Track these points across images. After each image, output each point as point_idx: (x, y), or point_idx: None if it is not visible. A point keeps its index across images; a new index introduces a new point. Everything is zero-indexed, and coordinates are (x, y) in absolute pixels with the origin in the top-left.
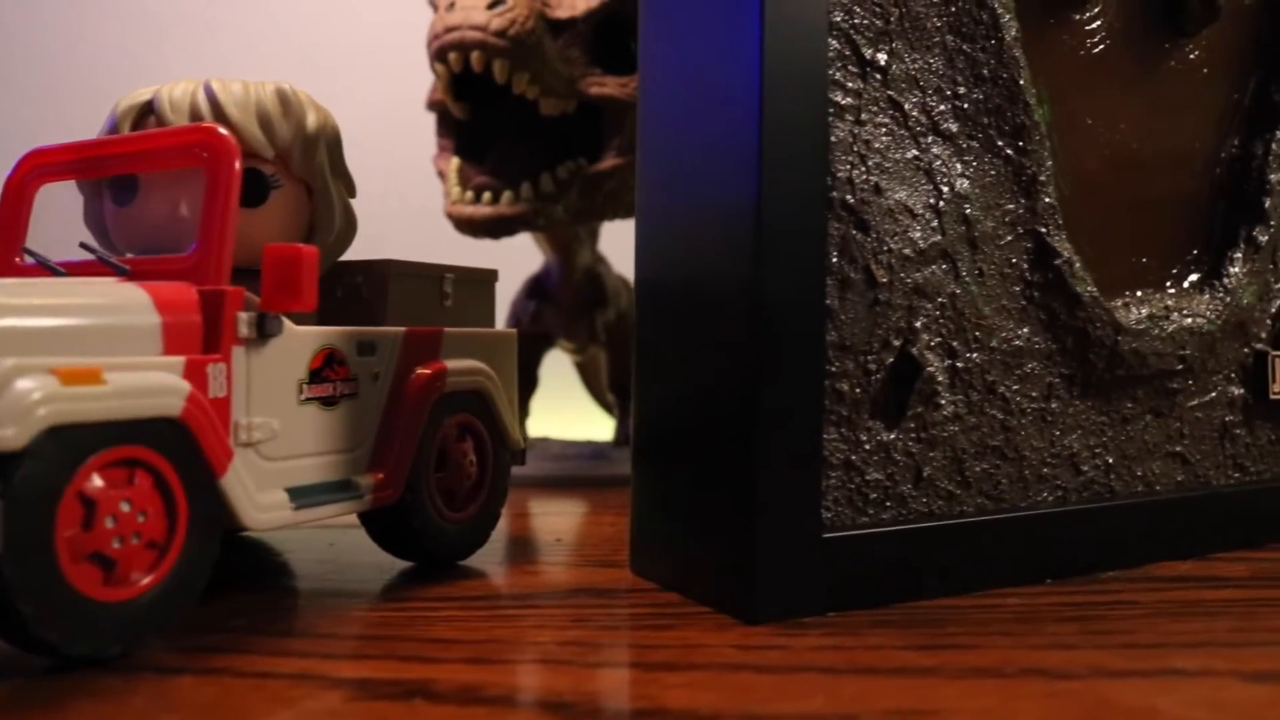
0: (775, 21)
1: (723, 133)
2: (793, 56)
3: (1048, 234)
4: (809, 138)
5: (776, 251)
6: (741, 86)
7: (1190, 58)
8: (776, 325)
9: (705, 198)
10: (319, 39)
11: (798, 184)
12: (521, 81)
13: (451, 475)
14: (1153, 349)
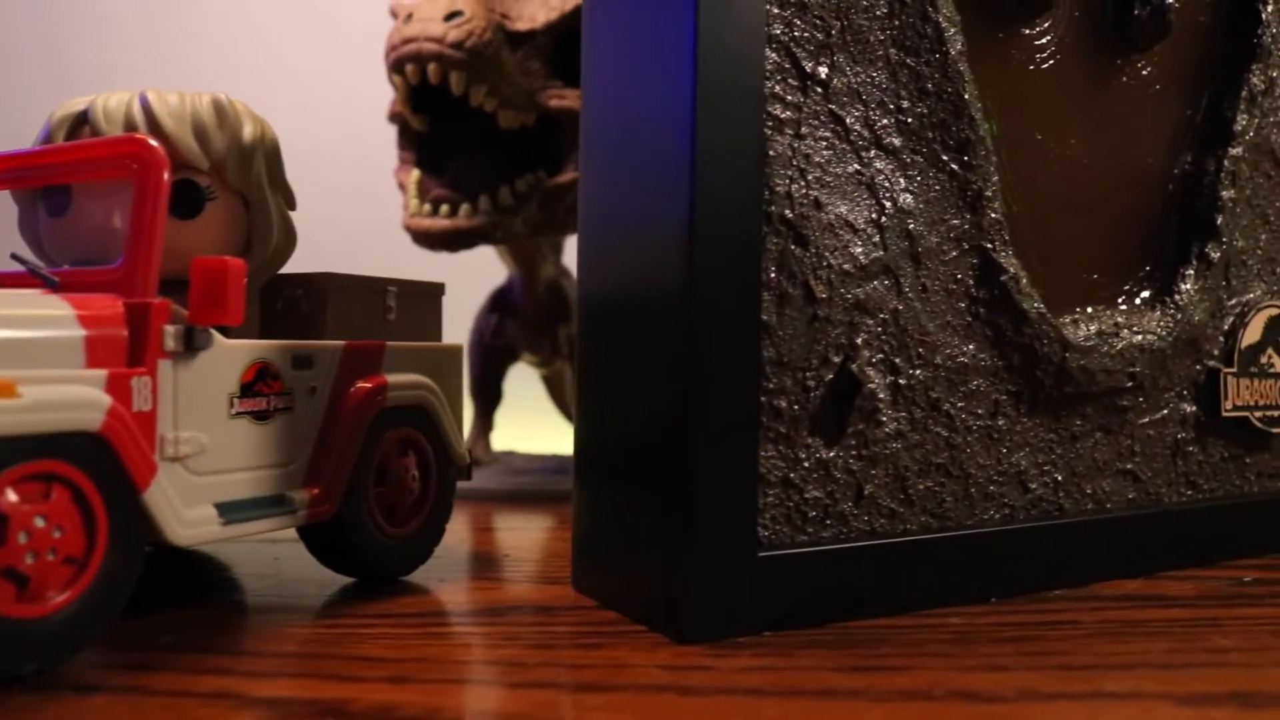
0: (710, 34)
1: (657, 147)
2: (728, 69)
3: (993, 249)
4: (745, 151)
5: (711, 267)
6: (675, 100)
7: (1143, 74)
8: (711, 342)
9: (642, 213)
10: (291, 47)
11: (733, 198)
12: (479, 94)
13: (392, 490)
14: (1102, 366)
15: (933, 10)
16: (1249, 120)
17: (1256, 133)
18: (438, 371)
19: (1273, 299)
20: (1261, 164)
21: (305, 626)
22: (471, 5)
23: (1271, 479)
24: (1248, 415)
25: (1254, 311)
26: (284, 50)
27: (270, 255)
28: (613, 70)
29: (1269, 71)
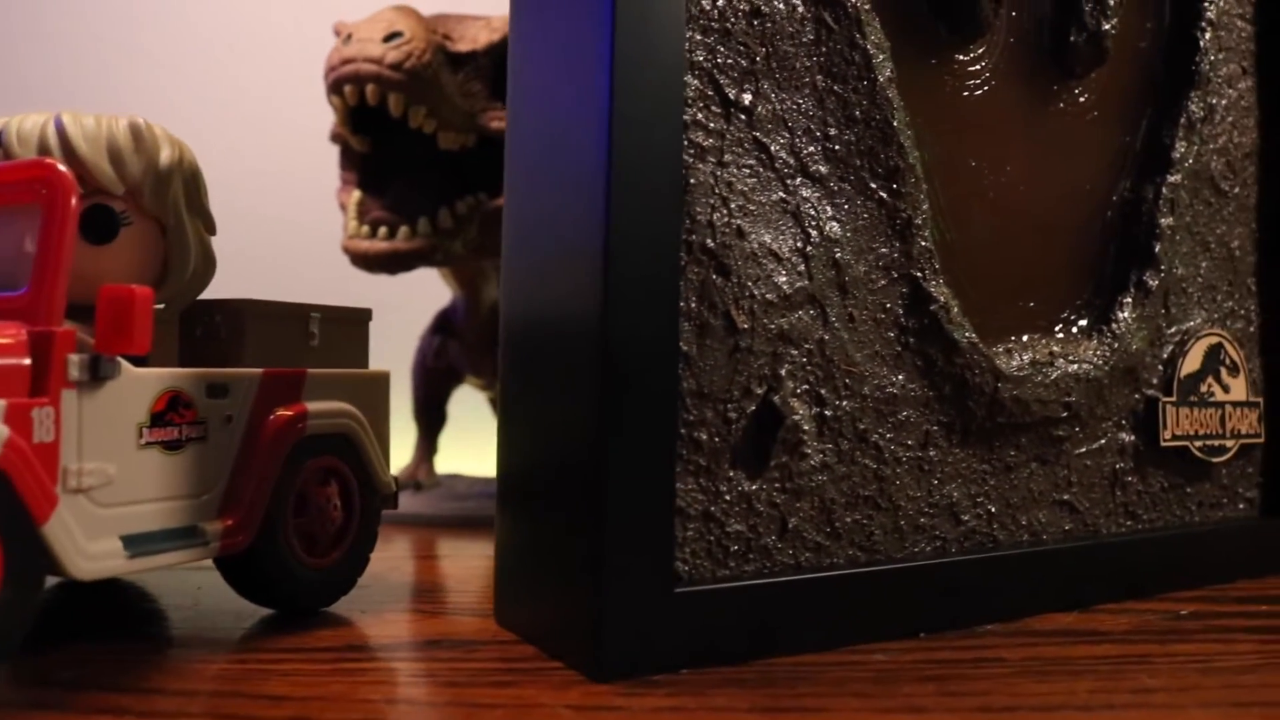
0: (626, 60)
1: (574, 173)
2: (645, 96)
3: (923, 279)
4: (664, 179)
5: (626, 296)
6: (591, 126)
7: (1080, 100)
8: (626, 372)
9: (559, 238)
10: (240, 66)
11: (651, 226)
12: (418, 115)
13: (313, 520)
14: (1036, 396)
15: (860, 37)
16: (1188, 147)
17: (1196, 160)
18: (363, 398)
19: (1213, 327)
20: (1201, 191)
21: (215, 662)
22: (412, 26)
23: (1213, 508)
24: (1188, 445)
25: (1194, 340)
26: (232, 68)
27: (187, 281)
28: (535, 93)
29: (1208, 99)
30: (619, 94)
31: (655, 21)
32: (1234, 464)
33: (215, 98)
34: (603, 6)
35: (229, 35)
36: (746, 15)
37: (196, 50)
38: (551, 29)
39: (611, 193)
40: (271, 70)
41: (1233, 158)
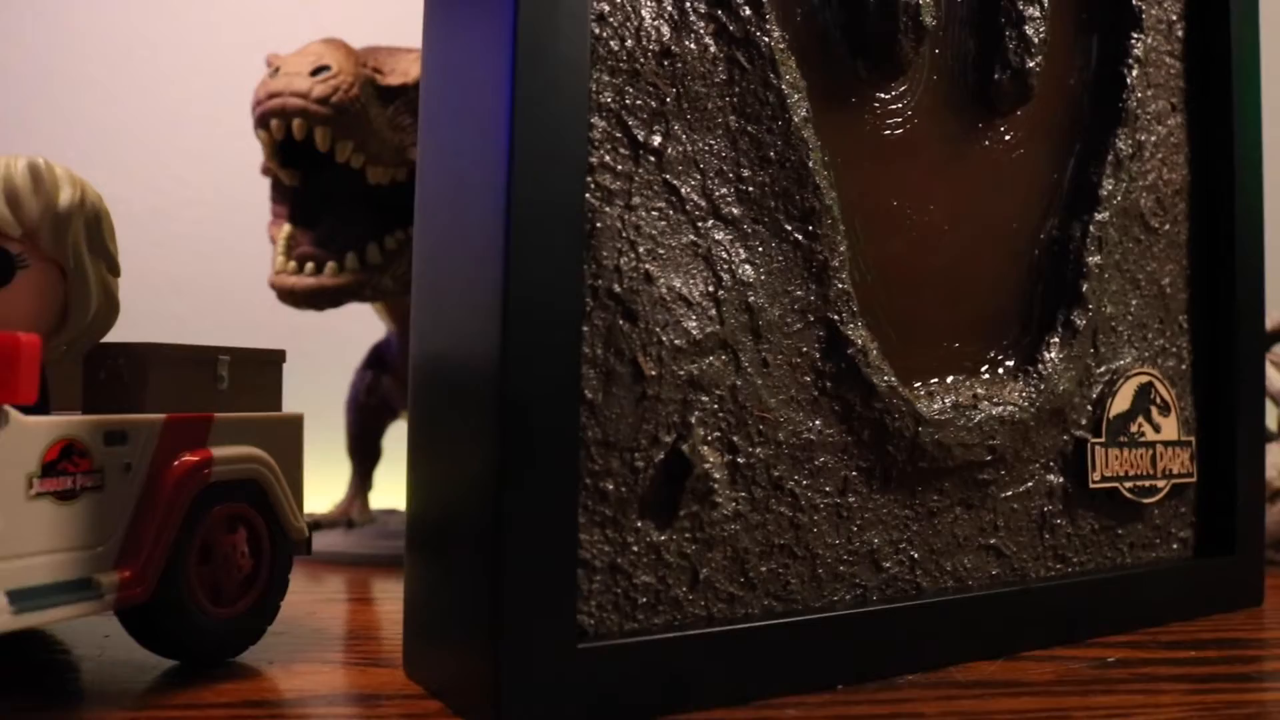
0: (526, 100)
1: (476, 214)
2: (546, 137)
3: (841, 322)
4: (567, 223)
5: (527, 342)
6: (492, 169)
7: (1006, 137)
8: (525, 420)
9: (462, 281)
10: (175, 95)
11: (553, 272)
12: (345, 150)
13: (218, 569)
14: (958, 440)
15: (775, 77)
16: (1116, 185)
17: (1125, 197)
18: (275, 442)
19: (1143, 365)
20: (1131, 228)
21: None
22: (340, 60)
23: (1145, 549)
24: (1117, 486)
25: (1123, 379)
26: (171, 97)
27: (89, 324)
28: (441, 130)
29: (1137, 136)
30: (519, 134)
31: (557, 61)
32: (1166, 504)
33: (156, 127)
34: (503, 44)
35: (171, 65)
36: (656, 56)
37: (137, 81)
38: (457, 64)
39: (510, 235)
40: (214, 100)
41: (1163, 194)
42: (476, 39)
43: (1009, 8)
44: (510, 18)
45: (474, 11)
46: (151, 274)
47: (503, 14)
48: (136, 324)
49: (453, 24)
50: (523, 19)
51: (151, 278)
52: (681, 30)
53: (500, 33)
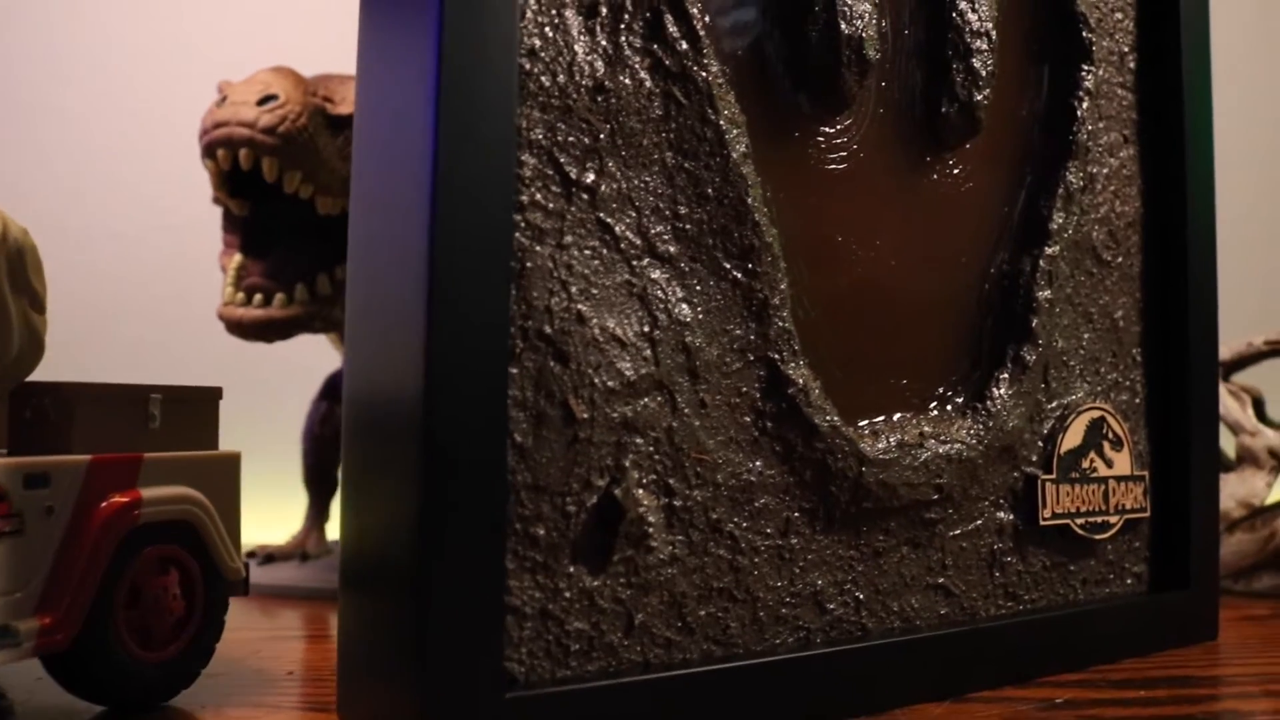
0: (451, 139)
1: (401, 254)
2: (473, 176)
3: (781, 361)
4: (493, 263)
5: (451, 385)
6: (414, 207)
7: (954, 171)
8: (451, 465)
9: (389, 321)
10: (134, 120)
11: (478, 313)
12: (294, 180)
13: (147, 613)
14: (903, 480)
15: (713, 112)
16: (1067, 218)
17: (1076, 230)
18: (210, 482)
19: (1095, 400)
20: (1083, 262)
21: None
22: (288, 89)
23: (1099, 585)
24: (1068, 523)
25: (1074, 415)
26: (134, 122)
27: (12, 363)
28: (371, 164)
29: (1088, 168)
30: (442, 172)
31: (483, 97)
32: (1119, 539)
33: (118, 151)
34: (427, 80)
35: (136, 87)
36: (590, 91)
37: (99, 103)
38: (385, 99)
39: (433, 276)
40: (179, 123)
41: (1115, 227)
42: (402, 74)
43: (956, 40)
44: (434, 54)
45: (401, 46)
46: (111, 299)
47: (427, 49)
48: (102, 349)
49: (381, 57)
50: (446, 55)
51: (111, 303)
52: (616, 65)
53: (424, 68)
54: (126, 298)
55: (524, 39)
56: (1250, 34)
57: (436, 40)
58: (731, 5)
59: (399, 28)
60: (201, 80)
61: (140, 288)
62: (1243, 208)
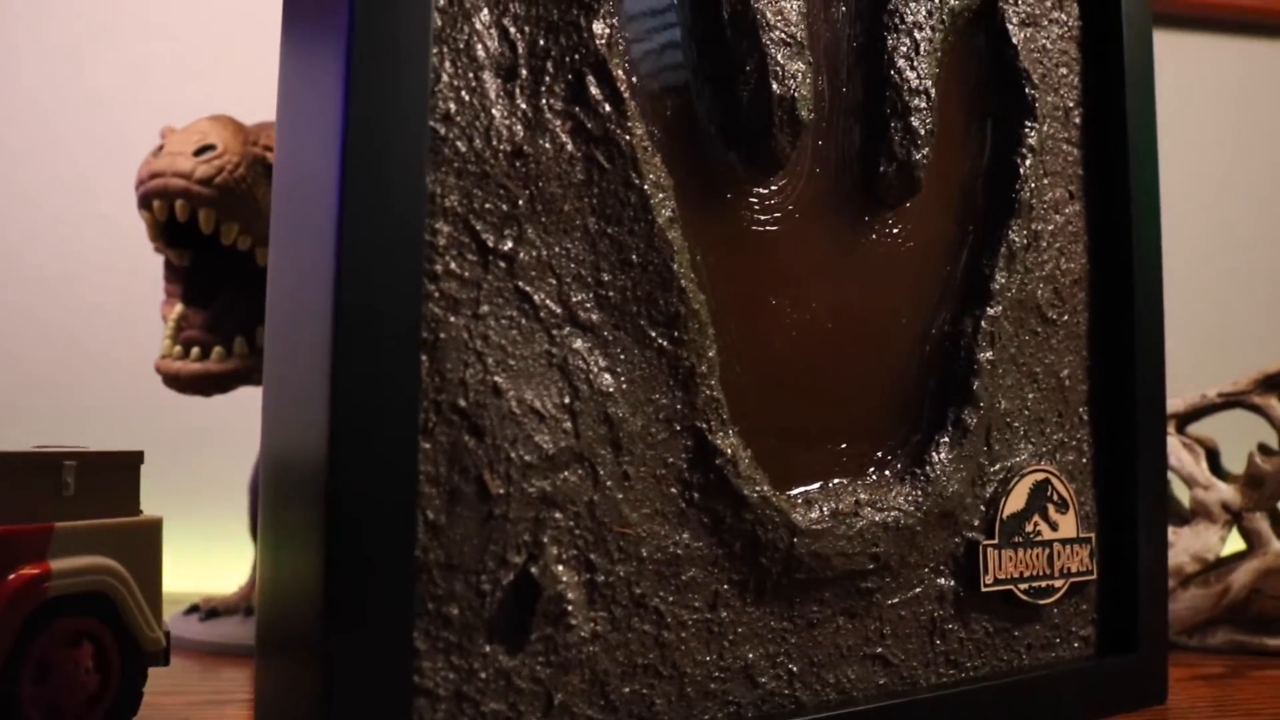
0: (358, 207)
1: (308, 323)
2: (381, 246)
3: (709, 430)
4: (402, 335)
5: (356, 461)
6: (320, 277)
7: (894, 230)
8: (357, 543)
9: (298, 393)
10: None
11: (385, 386)
12: (231, 232)
13: (57, 689)
14: (837, 549)
15: (637, 176)
16: (1010, 277)
17: (1020, 289)
18: (128, 550)
19: (1040, 462)
20: (1027, 320)
21: None
22: (226, 138)
23: (1045, 649)
24: (1012, 588)
25: (1018, 478)
26: (85, 162)
27: None
28: (285, 232)
29: (1032, 225)
30: (348, 242)
31: (392, 164)
32: (1065, 602)
33: (70, 191)
34: (333, 146)
35: (88, 127)
36: (508, 156)
37: (49, 143)
38: (296, 162)
39: (338, 348)
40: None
41: (1060, 285)
42: (311, 138)
43: (894, 98)
44: (340, 120)
45: (311, 110)
46: (61, 342)
47: (334, 115)
48: (50, 394)
49: (294, 120)
50: (353, 120)
51: (61, 346)
52: (535, 129)
53: (330, 134)
54: (73, 342)
55: (439, 103)
56: (1197, 85)
57: (343, 106)
58: (660, 64)
59: (310, 89)
60: (151, 118)
61: (89, 333)
62: (1197, 258)
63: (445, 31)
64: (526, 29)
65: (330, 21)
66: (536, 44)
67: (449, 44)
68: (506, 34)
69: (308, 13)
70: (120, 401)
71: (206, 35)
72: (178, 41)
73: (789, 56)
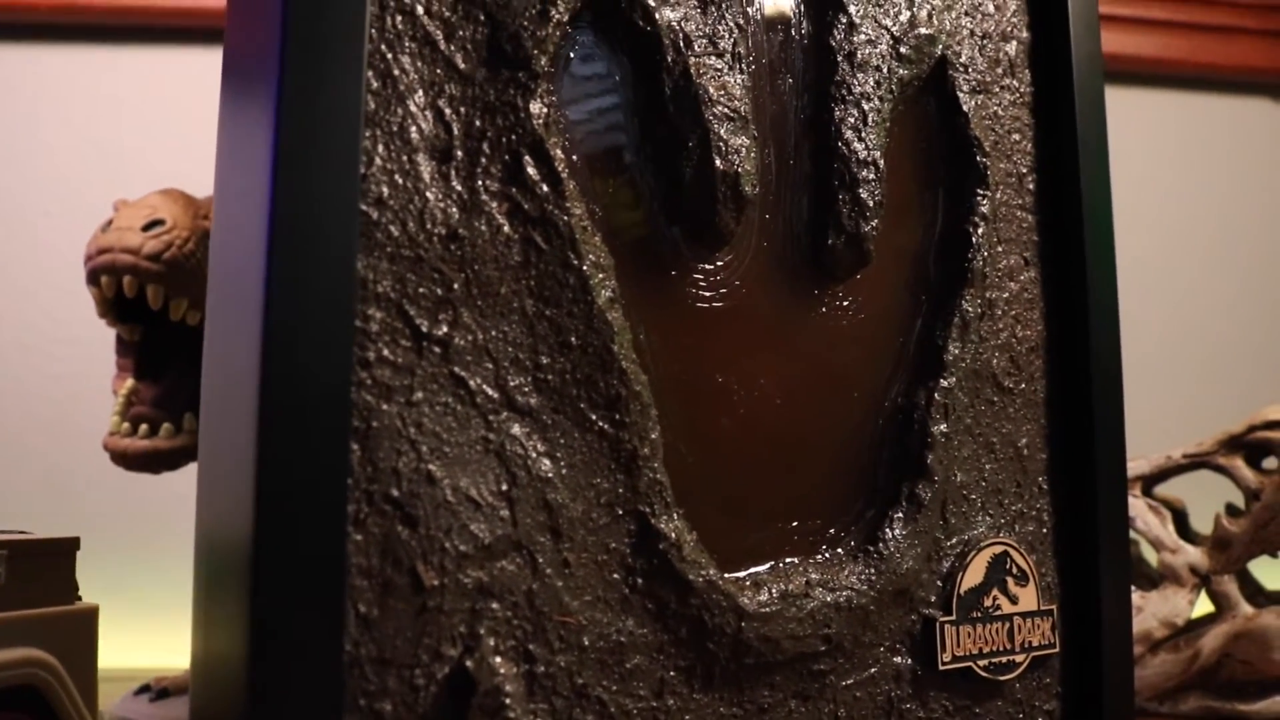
0: (285, 294)
1: (238, 407)
2: (309, 333)
3: (651, 514)
4: (331, 424)
5: (281, 554)
6: (248, 362)
7: (844, 303)
8: (283, 637)
9: (225, 479)
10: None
11: (313, 476)
12: (180, 308)
13: None
14: (787, 632)
15: (575, 257)
16: (964, 347)
17: (974, 359)
18: (62, 640)
19: (998, 534)
20: (983, 390)
21: None
22: (176, 214)
23: None
24: (971, 665)
25: (975, 551)
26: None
27: None
28: (218, 316)
29: (986, 294)
30: (275, 329)
31: (321, 250)
32: (1028, 677)
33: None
34: (260, 234)
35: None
36: (443, 239)
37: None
38: (229, 248)
39: (264, 437)
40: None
41: (1017, 353)
42: (241, 223)
43: (842, 171)
44: (267, 204)
45: (240, 197)
46: (14, 412)
47: (261, 200)
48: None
49: (226, 205)
50: (280, 205)
51: (14, 416)
52: (471, 211)
53: (257, 220)
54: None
55: (371, 187)
56: (1151, 145)
57: (270, 191)
58: (602, 141)
59: (240, 173)
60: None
61: (47, 402)
62: (1164, 316)
63: (378, 114)
64: (462, 110)
65: (259, 104)
66: (473, 125)
67: (382, 126)
68: (442, 115)
69: (240, 94)
70: (79, 473)
71: (163, 105)
72: (134, 111)
73: (732, 131)
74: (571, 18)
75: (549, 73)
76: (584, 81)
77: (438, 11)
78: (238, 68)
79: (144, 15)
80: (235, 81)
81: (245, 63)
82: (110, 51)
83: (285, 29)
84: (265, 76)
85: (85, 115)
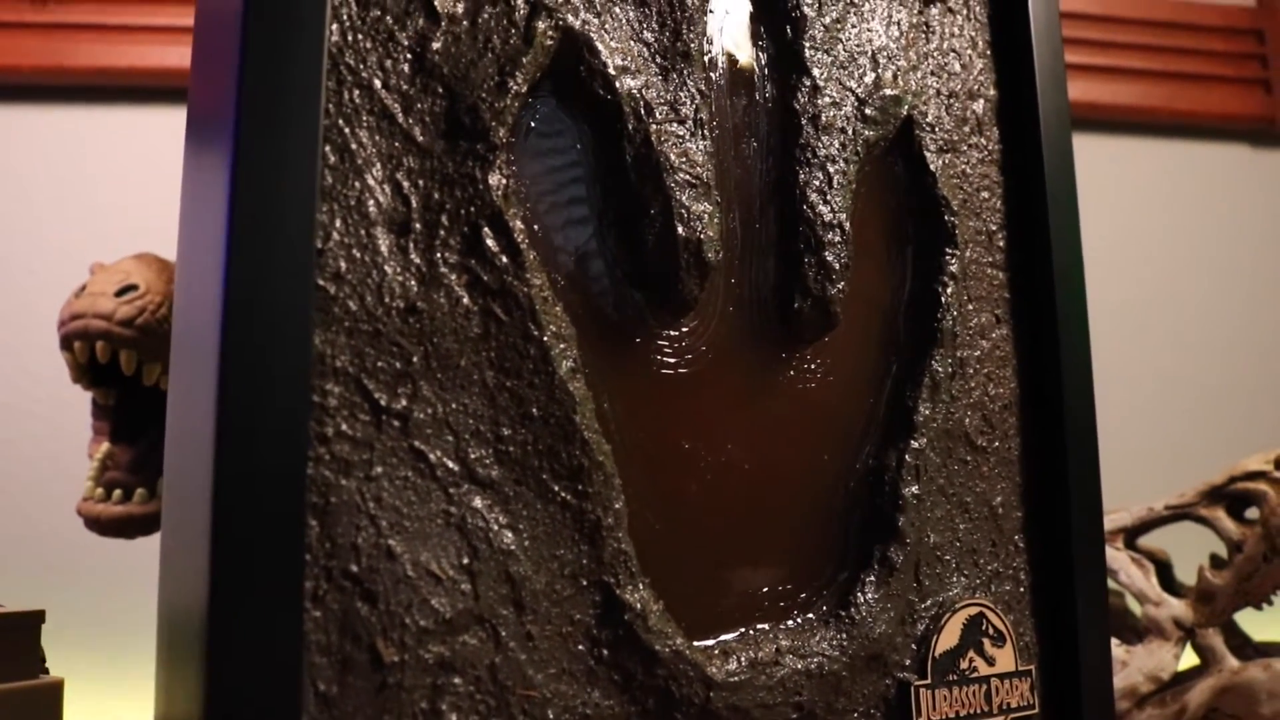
0: (240, 369)
1: (193, 484)
2: (264, 410)
3: (616, 584)
4: (286, 500)
5: (236, 629)
6: (202, 438)
7: (812, 366)
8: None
9: (183, 552)
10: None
11: (268, 553)
12: (153, 373)
13: None
14: (757, 701)
15: (536, 328)
16: (934, 408)
17: (946, 419)
18: (25, 716)
19: (974, 595)
20: (955, 450)
21: None
22: (149, 279)
23: None
24: None
25: (950, 613)
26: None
27: None
28: (178, 391)
29: (957, 353)
30: (229, 407)
31: (276, 325)
32: None
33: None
34: (216, 307)
35: (33, 258)
36: (401, 313)
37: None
38: (189, 323)
39: (218, 514)
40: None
41: (989, 411)
42: (197, 297)
43: (808, 234)
44: (222, 280)
45: (197, 271)
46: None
47: (215, 275)
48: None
49: (185, 278)
50: (235, 280)
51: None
52: (430, 284)
53: (212, 295)
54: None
55: (329, 262)
56: (1133, 191)
57: (225, 267)
58: (564, 211)
59: (196, 248)
60: (90, 247)
61: (20, 462)
62: (1143, 365)
63: (335, 188)
64: (421, 182)
65: (215, 180)
66: (431, 197)
67: (339, 200)
68: (400, 188)
69: (198, 167)
70: (59, 535)
71: (149, 164)
72: (119, 170)
73: (694, 198)
74: (530, 88)
75: (508, 143)
76: (545, 151)
77: (395, 85)
78: (197, 139)
79: (127, 77)
80: (194, 153)
81: (203, 134)
82: (94, 111)
83: (240, 105)
84: (220, 151)
85: (69, 174)
